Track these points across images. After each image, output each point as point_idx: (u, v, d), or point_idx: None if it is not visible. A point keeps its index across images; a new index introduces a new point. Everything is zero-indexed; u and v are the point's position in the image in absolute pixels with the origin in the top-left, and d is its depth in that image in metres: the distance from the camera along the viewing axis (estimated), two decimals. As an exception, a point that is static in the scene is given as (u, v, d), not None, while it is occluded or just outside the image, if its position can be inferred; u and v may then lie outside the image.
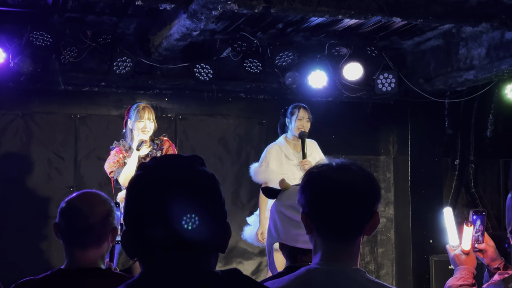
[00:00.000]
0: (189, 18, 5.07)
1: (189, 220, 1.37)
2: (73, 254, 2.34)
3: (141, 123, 5.23)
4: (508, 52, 5.88)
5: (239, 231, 6.09)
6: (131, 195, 1.43)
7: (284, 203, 2.17)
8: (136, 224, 1.40)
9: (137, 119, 5.24)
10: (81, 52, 6.11)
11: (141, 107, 5.29)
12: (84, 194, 2.40)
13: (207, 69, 6.43)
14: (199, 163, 1.46)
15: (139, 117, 5.24)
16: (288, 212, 2.12)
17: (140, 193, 1.41)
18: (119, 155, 5.28)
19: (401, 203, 7.44)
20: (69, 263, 2.36)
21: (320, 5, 5.16)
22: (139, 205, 1.40)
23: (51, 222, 6.34)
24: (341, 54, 6.80)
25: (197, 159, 1.48)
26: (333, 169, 1.82)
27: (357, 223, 1.80)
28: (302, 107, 5.73)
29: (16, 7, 5.69)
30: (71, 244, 2.35)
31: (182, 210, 1.37)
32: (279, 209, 2.18)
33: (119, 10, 5.84)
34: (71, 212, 2.35)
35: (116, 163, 5.25)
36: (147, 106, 5.35)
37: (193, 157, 1.48)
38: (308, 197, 1.81)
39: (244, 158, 7.04)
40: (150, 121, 5.26)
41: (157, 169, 1.43)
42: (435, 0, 5.34)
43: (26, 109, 6.43)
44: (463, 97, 7.19)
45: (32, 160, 6.41)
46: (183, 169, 1.43)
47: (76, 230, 2.33)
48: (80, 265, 2.32)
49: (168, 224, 1.36)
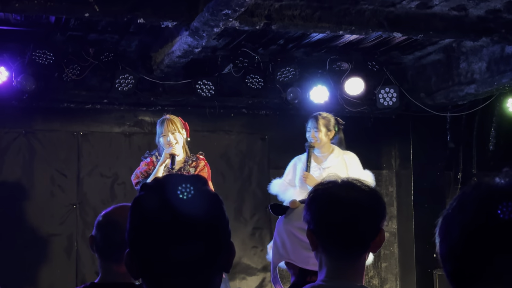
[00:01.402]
0: (191, 35, 5.10)
1: (193, 241, 1.37)
2: (108, 268, 2.31)
3: (164, 138, 5.08)
4: (508, 66, 5.90)
5: (242, 247, 6.09)
6: (133, 216, 1.43)
7: (294, 224, 2.16)
8: (140, 246, 1.40)
9: (161, 133, 5.09)
10: (83, 70, 6.14)
11: (162, 120, 5.13)
12: (121, 207, 2.36)
13: (209, 85, 6.45)
14: (202, 183, 1.47)
15: (162, 131, 5.09)
16: (299, 233, 2.11)
17: (142, 214, 1.41)
18: (149, 166, 5.13)
19: (404, 218, 7.43)
20: (103, 277, 2.32)
21: (320, 21, 5.18)
22: (142, 226, 1.40)
23: (55, 240, 6.38)
24: (342, 69, 6.83)
25: (200, 179, 1.48)
26: (338, 186, 1.83)
27: (362, 240, 1.80)
28: (311, 118, 5.61)
29: (18, 26, 5.73)
30: (107, 258, 2.32)
31: (186, 231, 1.37)
32: (288, 229, 2.17)
33: (121, 28, 5.87)
34: (109, 225, 2.31)
35: (144, 173, 5.10)
36: (169, 118, 5.15)
37: (196, 177, 1.49)
38: (314, 214, 1.81)
39: (247, 173, 7.05)
40: (173, 133, 5.07)
41: (160, 189, 1.44)
42: (435, 15, 5.37)
43: (29, 127, 6.45)
44: (465, 111, 7.20)
45: (35, 178, 6.41)
46: (185, 189, 1.43)
47: (112, 244, 2.29)
48: (115, 280, 2.28)
49: (172, 245, 1.36)
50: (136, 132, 6.76)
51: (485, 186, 1.18)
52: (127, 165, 6.53)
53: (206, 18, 4.70)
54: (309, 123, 5.58)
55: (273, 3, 5.01)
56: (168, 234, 1.36)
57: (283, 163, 7.16)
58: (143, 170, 5.11)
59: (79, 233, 6.42)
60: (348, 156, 5.64)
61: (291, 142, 7.07)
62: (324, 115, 5.63)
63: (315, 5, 5.10)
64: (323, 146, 5.60)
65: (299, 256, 2.11)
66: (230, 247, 1.46)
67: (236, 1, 4.26)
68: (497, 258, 1.10)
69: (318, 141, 5.54)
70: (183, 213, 1.38)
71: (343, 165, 5.57)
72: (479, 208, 1.15)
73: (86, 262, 6.42)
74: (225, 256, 1.45)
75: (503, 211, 1.10)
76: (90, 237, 2.36)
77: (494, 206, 1.11)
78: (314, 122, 5.55)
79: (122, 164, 6.58)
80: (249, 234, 6.90)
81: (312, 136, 5.54)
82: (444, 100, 6.79)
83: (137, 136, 6.74)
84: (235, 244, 1.51)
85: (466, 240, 1.14)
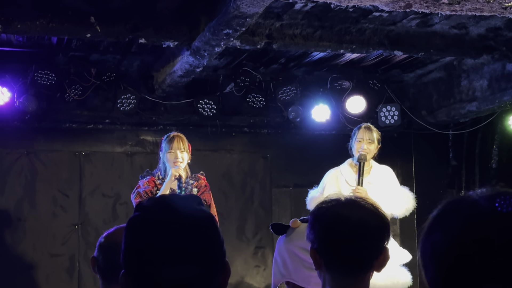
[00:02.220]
0: (192, 55, 5.12)
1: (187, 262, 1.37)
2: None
3: (171, 154, 4.85)
4: (510, 84, 5.91)
5: (245, 266, 6.06)
6: (129, 236, 1.43)
7: (296, 243, 2.15)
8: (135, 266, 1.40)
9: (167, 150, 4.87)
10: (85, 90, 6.15)
11: (170, 136, 4.91)
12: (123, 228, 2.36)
13: (211, 105, 6.46)
14: (197, 203, 1.47)
15: (169, 147, 4.86)
16: (300, 253, 2.10)
17: (138, 235, 1.41)
18: (150, 185, 4.90)
19: (407, 236, 7.40)
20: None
21: (321, 40, 5.20)
22: (137, 246, 1.40)
23: (57, 260, 6.35)
24: (344, 87, 6.84)
25: (195, 198, 1.48)
26: (342, 204, 1.82)
27: (366, 259, 1.79)
28: (362, 127, 5.23)
29: (21, 47, 5.75)
30: (109, 279, 2.30)
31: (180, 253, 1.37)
32: (290, 248, 2.16)
33: (123, 48, 5.89)
34: (110, 247, 2.30)
35: (148, 192, 4.84)
36: (178, 135, 4.95)
37: (191, 196, 1.49)
38: (317, 232, 1.80)
39: (249, 192, 7.03)
40: (181, 151, 4.86)
41: (155, 209, 1.43)
42: (436, 33, 5.39)
43: (31, 147, 6.46)
44: (467, 128, 7.20)
45: (37, 198, 6.41)
46: (180, 209, 1.43)
47: (114, 265, 2.28)
48: None
49: (166, 267, 1.36)
50: (138, 151, 6.76)
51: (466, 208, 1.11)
52: (129, 185, 6.51)
53: (207, 38, 4.72)
54: (360, 133, 5.20)
55: (274, 22, 5.04)
56: (161, 255, 1.36)
57: (285, 181, 7.18)
58: (147, 189, 4.89)
59: (81, 254, 6.40)
60: (387, 170, 5.37)
61: (293, 161, 7.08)
62: (374, 127, 5.32)
63: (315, 24, 5.12)
64: (369, 159, 5.27)
65: (300, 276, 2.09)
66: (225, 267, 1.46)
67: (237, 21, 4.28)
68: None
69: (369, 154, 5.19)
70: (177, 235, 1.38)
71: (384, 178, 5.30)
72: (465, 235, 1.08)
73: (88, 283, 6.39)
74: (220, 276, 1.44)
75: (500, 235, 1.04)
76: (92, 258, 2.36)
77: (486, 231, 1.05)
78: (369, 133, 5.19)
79: (124, 184, 6.57)
80: (251, 253, 6.87)
81: (366, 148, 5.16)
82: (446, 118, 6.79)
83: (139, 155, 6.74)
84: (238, 263, 1.50)
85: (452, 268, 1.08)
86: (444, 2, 3.48)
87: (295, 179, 7.09)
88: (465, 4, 3.56)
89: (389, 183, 5.30)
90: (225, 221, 6.72)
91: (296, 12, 4.95)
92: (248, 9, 4.08)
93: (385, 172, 5.36)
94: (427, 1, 3.56)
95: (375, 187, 5.22)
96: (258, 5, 4.02)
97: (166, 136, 4.98)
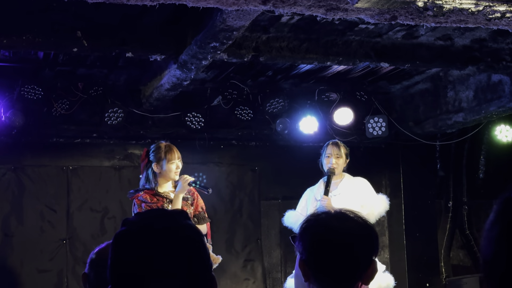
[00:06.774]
0: (179, 68, 5.12)
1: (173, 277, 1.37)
2: None
3: (173, 165, 4.82)
4: (495, 94, 5.95)
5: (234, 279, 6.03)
6: (115, 252, 1.43)
7: None
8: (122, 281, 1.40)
9: (169, 161, 4.81)
10: (72, 104, 6.14)
11: (167, 147, 4.86)
12: None
13: (199, 118, 6.46)
14: (183, 217, 1.47)
15: (171, 158, 4.82)
16: None
17: (124, 250, 1.41)
18: (152, 199, 4.77)
19: (396, 247, 7.41)
20: None
21: (308, 53, 5.22)
22: (123, 261, 1.40)
23: (45, 276, 6.30)
24: (331, 99, 6.87)
25: (181, 213, 1.48)
26: (331, 216, 1.83)
27: (354, 271, 1.79)
28: (330, 143, 5.53)
29: (7, 62, 5.74)
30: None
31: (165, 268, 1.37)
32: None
33: (110, 62, 5.89)
34: (102, 263, 2.29)
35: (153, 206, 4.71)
36: (172, 145, 4.94)
37: (177, 211, 1.49)
38: (306, 244, 1.81)
39: (237, 205, 7.02)
40: (179, 160, 4.87)
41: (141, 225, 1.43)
42: (422, 45, 5.43)
43: (18, 162, 6.42)
44: (454, 139, 7.24)
45: (24, 214, 6.36)
46: (167, 223, 1.43)
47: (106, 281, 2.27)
48: None
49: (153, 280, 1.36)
50: (126, 165, 6.73)
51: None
52: (117, 199, 6.49)
53: (194, 51, 4.73)
54: (328, 149, 5.49)
55: (260, 35, 5.06)
56: (147, 271, 1.36)
57: (274, 194, 7.17)
58: (153, 205, 4.74)
59: (69, 269, 6.35)
60: (359, 182, 5.59)
61: (282, 173, 7.08)
62: (342, 143, 5.61)
63: (302, 36, 5.14)
64: (338, 173, 5.55)
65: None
66: (212, 281, 1.46)
67: (223, 34, 4.29)
68: None
69: (337, 168, 5.47)
70: (163, 250, 1.38)
71: (353, 190, 5.50)
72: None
73: (76, 298, 6.34)
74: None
75: None
76: (83, 275, 2.34)
77: None
78: (336, 148, 5.48)
79: (112, 198, 6.55)
80: (240, 267, 6.85)
81: (334, 162, 5.45)
82: (433, 129, 6.83)
83: (127, 169, 6.71)
84: (227, 276, 1.50)
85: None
86: (429, 14, 3.51)
87: (284, 191, 7.08)
88: (450, 16, 3.59)
89: (358, 193, 5.46)
90: (214, 234, 6.68)
91: (283, 25, 4.97)
92: (235, 22, 4.10)
93: (357, 183, 5.56)
94: (412, 13, 3.59)
95: (342, 198, 5.39)
96: (244, 18, 4.04)
97: (157, 147, 4.91)
